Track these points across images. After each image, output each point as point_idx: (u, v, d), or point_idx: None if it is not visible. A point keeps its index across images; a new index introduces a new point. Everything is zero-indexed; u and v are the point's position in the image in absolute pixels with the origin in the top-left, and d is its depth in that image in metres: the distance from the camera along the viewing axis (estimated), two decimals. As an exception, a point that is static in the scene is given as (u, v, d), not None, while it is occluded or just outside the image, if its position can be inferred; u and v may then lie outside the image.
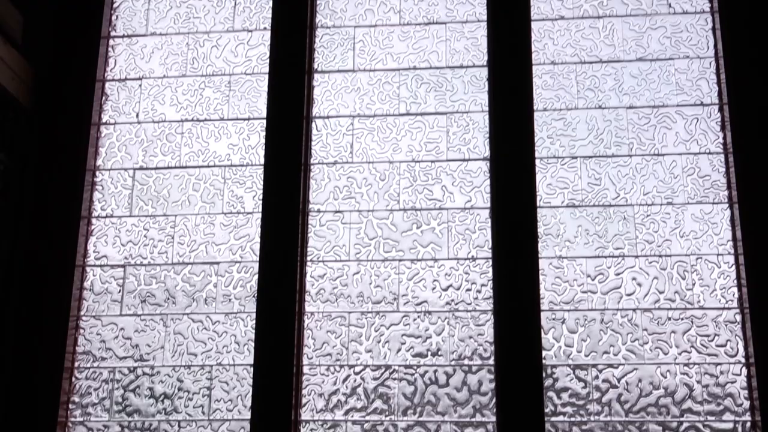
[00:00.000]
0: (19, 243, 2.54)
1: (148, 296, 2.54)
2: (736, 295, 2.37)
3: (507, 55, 2.58)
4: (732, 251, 2.40)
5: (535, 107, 2.56)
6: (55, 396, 2.46)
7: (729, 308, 2.37)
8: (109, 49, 2.75)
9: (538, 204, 2.48)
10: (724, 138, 2.49)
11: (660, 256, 2.42)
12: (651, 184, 2.48)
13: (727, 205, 2.44)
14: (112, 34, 2.77)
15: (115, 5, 2.79)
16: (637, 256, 2.42)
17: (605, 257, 2.44)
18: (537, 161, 2.52)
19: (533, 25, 2.63)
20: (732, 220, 2.42)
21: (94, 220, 2.61)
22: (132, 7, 2.79)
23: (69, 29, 2.72)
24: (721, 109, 2.51)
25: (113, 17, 2.78)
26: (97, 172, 2.65)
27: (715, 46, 2.56)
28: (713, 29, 2.58)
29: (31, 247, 2.55)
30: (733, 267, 2.39)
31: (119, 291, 2.56)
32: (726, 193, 2.45)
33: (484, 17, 2.66)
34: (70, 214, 2.57)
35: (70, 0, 2.75)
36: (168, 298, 2.53)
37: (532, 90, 2.55)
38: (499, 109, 2.54)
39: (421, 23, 2.69)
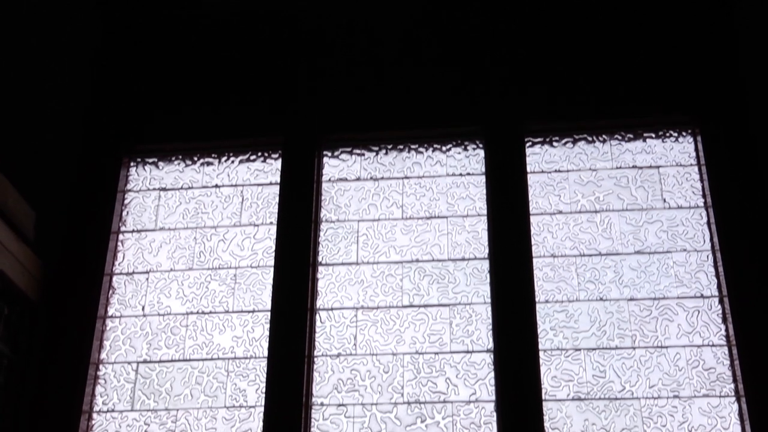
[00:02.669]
0: (17, 439, 2.50)
1: (146, 495, 2.47)
2: (750, 493, 2.30)
3: (507, 248, 2.63)
4: (743, 447, 2.36)
5: (536, 299, 2.58)
6: None
7: (744, 507, 2.30)
8: (119, 243, 2.81)
9: (543, 397, 2.46)
10: (727, 330, 2.49)
11: (670, 451, 2.37)
12: (656, 376, 2.47)
13: (734, 398, 2.41)
14: (122, 229, 2.84)
15: (126, 201, 2.88)
16: (646, 452, 2.38)
17: (614, 453, 2.39)
18: (541, 353, 2.52)
19: (532, 219, 2.70)
20: (740, 414, 2.39)
21: (95, 415, 2.58)
22: (143, 203, 2.87)
23: (80, 225, 2.79)
24: (721, 302, 2.53)
25: (124, 213, 2.86)
26: (101, 366, 2.64)
27: (711, 239, 2.61)
28: (708, 223, 2.64)
29: (29, 442, 2.51)
30: (746, 464, 2.34)
31: (117, 490, 2.49)
32: (732, 386, 2.43)
33: (485, 212, 2.73)
34: (71, 409, 2.55)
35: (82, 197, 2.83)
36: (166, 497, 2.47)
37: (533, 282, 2.58)
38: (501, 300, 2.56)
39: (423, 217, 2.76)
